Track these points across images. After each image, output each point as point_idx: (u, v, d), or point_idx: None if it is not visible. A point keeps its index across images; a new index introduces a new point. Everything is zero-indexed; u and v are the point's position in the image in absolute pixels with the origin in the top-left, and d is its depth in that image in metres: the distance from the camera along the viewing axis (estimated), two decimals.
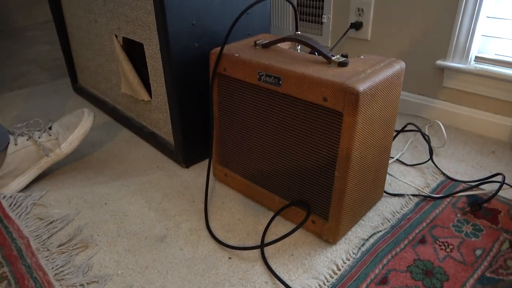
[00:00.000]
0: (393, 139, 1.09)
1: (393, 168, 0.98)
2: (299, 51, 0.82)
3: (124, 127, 1.23)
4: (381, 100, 0.68)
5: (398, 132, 1.08)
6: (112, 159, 1.05)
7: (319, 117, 0.68)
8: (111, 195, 0.91)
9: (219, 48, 0.81)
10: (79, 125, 0.94)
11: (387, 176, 0.94)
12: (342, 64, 0.69)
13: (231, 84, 0.81)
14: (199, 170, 0.99)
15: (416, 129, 1.09)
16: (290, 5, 0.77)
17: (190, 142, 0.98)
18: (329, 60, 0.71)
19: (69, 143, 0.94)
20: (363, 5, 1.25)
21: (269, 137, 0.78)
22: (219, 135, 0.89)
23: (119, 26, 1.05)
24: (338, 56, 0.72)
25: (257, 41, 0.82)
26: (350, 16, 1.29)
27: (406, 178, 0.94)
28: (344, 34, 1.30)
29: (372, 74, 0.66)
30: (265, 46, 0.81)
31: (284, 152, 0.77)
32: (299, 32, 0.83)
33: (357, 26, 1.28)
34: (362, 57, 0.75)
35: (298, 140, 0.73)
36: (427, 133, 1.14)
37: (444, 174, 0.94)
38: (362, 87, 0.62)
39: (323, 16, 1.36)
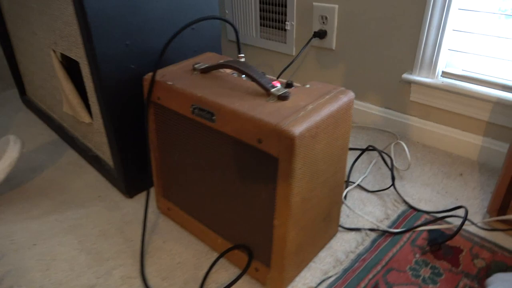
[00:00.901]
0: (355, 161, 1.02)
1: (354, 195, 0.91)
2: (243, 76, 0.74)
3: (70, 147, 1.13)
4: (325, 139, 0.60)
5: (361, 153, 1.00)
6: (52, 188, 0.96)
7: (255, 159, 0.60)
8: (43, 233, 0.82)
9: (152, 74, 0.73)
10: (4, 156, 0.85)
11: (345, 208, 0.87)
12: (282, 98, 0.61)
13: (167, 114, 0.73)
14: (143, 201, 0.91)
15: (377, 152, 1.02)
16: (231, 25, 0.69)
17: (132, 170, 0.90)
18: (268, 92, 0.63)
19: None
20: (327, 12, 1.16)
21: (208, 174, 0.70)
22: (161, 165, 0.81)
23: (56, 41, 0.95)
24: (279, 87, 0.64)
25: (196, 65, 0.73)
26: (313, 24, 1.21)
27: (366, 207, 0.87)
28: (307, 43, 1.22)
29: (313, 111, 0.58)
30: (204, 71, 0.73)
31: (223, 192, 0.69)
32: (242, 55, 0.75)
33: (321, 34, 1.19)
34: (308, 86, 0.67)
35: (235, 181, 0.65)
36: (392, 152, 1.07)
37: (406, 202, 0.88)
38: (298, 129, 0.54)
39: (286, 23, 1.27)
